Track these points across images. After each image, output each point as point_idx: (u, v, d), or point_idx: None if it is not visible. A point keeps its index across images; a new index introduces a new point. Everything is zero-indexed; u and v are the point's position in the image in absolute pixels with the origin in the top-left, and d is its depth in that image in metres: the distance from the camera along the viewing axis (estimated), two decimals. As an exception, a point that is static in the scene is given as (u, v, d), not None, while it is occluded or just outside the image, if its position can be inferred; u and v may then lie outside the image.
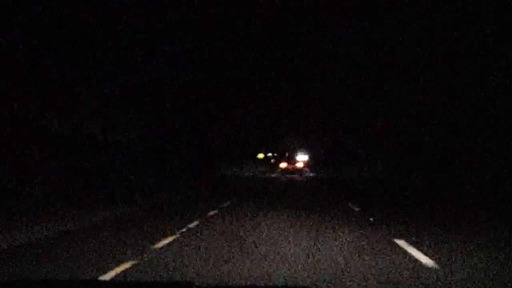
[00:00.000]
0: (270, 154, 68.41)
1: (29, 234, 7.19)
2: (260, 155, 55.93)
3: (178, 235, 7.20)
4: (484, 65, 19.35)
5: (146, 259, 5.48)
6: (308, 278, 4.51)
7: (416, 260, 5.41)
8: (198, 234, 7.37)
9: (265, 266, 5.00)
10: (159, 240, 6.71)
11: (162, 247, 6.21)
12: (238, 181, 28.64)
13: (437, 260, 5.34)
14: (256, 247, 6.14)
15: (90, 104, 20.46)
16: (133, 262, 5.25)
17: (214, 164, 36.70)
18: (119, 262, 5.21)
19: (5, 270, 5.01)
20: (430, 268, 5.03)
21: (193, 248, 6.14)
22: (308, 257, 5.49)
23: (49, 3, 15.72)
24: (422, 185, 23.33)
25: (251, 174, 42.92)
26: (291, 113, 51.69)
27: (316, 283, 4.39)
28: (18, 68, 15.06)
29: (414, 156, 28.29)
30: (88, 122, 20.07)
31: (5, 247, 6.29)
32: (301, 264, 5.15)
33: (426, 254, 5.69)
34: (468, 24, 19.09)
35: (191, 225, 8.36)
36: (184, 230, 7.79)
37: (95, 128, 20.59)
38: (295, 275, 4.61)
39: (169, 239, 6.86)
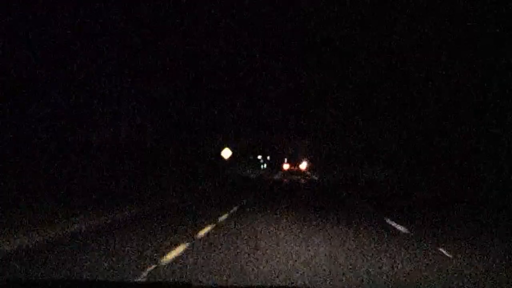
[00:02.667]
0: (260, 157, 59.82)
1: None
2: (226, 153, 29.21)
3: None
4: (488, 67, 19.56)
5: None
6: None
7: None
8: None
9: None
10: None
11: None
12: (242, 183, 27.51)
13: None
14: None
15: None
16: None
17: (223, 167, 37.22)
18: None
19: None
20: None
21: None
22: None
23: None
24: (447, 188, 20.96)
25: (253, 176, 41.76)
26: (292, 117, 51.16)
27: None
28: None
29: (424, 158, 27.88)
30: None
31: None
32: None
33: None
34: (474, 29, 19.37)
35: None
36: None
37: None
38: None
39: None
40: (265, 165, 62.13)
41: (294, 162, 56.61)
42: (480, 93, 20.94)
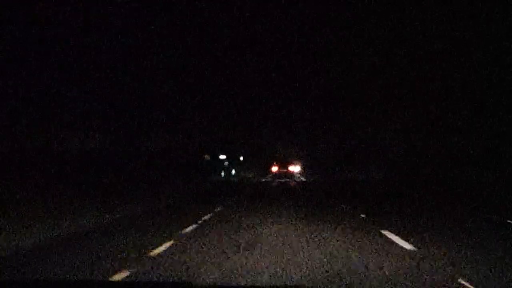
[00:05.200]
0: (223, 157, 45.76)
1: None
2: None
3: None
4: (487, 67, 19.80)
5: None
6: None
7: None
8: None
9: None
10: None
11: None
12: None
13: None
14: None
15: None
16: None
17: (208, 170, 38.01)
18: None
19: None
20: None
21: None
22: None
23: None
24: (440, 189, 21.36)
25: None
26: (283, 116, 49.96)
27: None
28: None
29: (418, 159, 28.29)
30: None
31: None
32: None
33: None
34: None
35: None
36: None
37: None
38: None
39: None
40: (233, 171, 45.71)
41: (285, 163, 55.14)
42: (482, 91, 21.27)
